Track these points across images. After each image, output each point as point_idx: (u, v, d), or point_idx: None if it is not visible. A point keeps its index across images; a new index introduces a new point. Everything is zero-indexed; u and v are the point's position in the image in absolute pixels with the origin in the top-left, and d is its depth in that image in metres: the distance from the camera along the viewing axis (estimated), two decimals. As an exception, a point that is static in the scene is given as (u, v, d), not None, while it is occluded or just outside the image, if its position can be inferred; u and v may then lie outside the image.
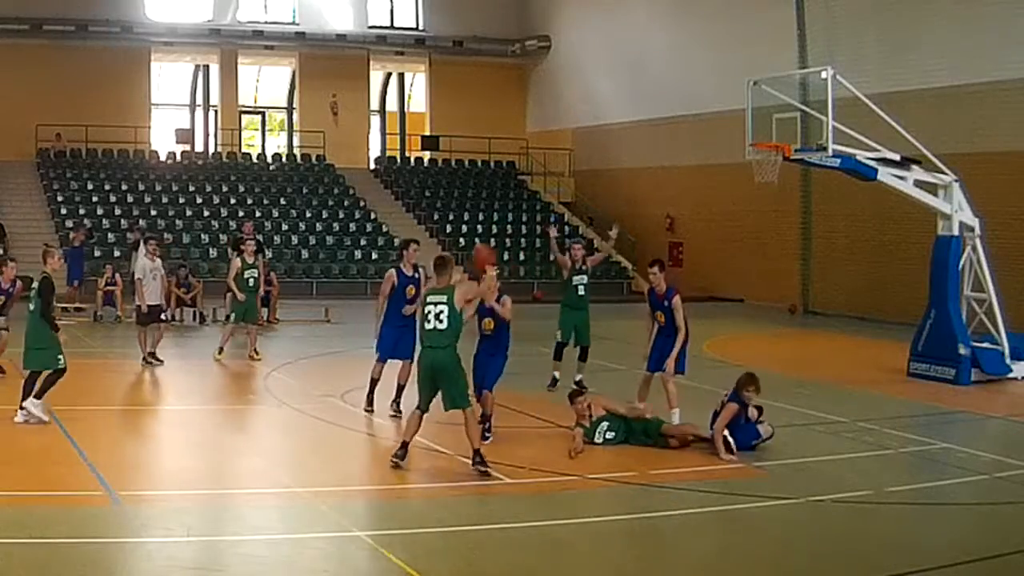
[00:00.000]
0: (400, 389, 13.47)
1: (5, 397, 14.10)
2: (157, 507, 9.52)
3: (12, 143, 34.24)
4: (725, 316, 27.25)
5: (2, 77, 34.89)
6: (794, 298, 29.82)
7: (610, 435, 12.13)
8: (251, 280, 18.36)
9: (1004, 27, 23.79)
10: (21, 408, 12.59)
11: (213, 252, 31.12)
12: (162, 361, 17.54)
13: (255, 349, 18.27)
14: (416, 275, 13.63)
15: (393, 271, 13.75)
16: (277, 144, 42.48)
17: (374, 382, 13.66)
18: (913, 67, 25.19)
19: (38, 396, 12.67)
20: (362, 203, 36.72)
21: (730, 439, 11.61)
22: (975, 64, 24.11)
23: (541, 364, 17.80)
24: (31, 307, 12.96)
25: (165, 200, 34.41)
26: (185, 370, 17.63)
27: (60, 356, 12.81)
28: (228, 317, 19.38)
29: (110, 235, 31.98)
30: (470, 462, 10.66)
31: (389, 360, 13.62)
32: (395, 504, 10.05)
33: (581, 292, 16.07)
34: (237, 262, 18.62)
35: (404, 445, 10.84)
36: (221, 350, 18.04)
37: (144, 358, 17.61)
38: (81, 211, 33.10)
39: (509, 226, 36.80)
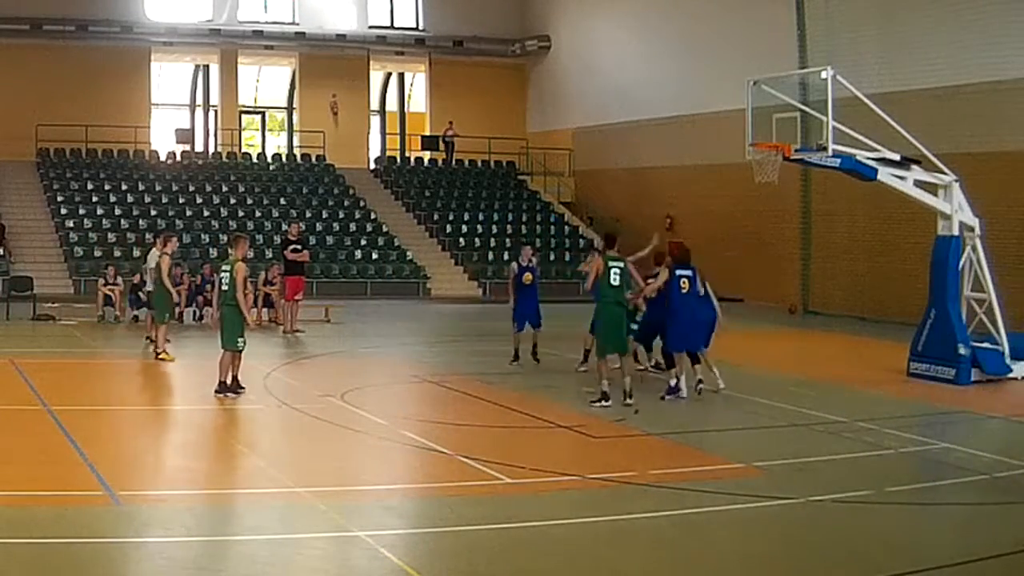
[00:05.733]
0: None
1: (6, 397, 14.12)
2: (157, 507, 9.51)
3: (12, 143, 34.24)
4: (725, 316, 27.15)
5: (2, 77, 34.94)
6: (794, 298, 29.81)
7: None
8: None
9: (1004, 27, 23.77)
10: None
11: (213, 252, 31.12)
12: (168, 341, 18.60)
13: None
14: (531, 264, 17.96)
15: (514, 263, 18.21)
16: (277, 144, 42.50)
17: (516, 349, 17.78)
18: (913, 67, 25.16)
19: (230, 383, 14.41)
20: (362, 203, 36.72)
21: None
22: (975, 64, 24.07)
23: (541, 363, 17.82)
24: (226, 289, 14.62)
25: (165, 200, 34.41)
26: (185, 369, 17.62)
27: (240, 339, 14.39)
28: None
29: (110, 235, 31.97)
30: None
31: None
32: (395, 504, 10.05)
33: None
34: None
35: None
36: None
37: (149, 337, 19.40)
38: (81, 211, 33.13)
39: (509, 226, 36.78)
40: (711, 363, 15.49)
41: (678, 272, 14.76)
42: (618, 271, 14.12)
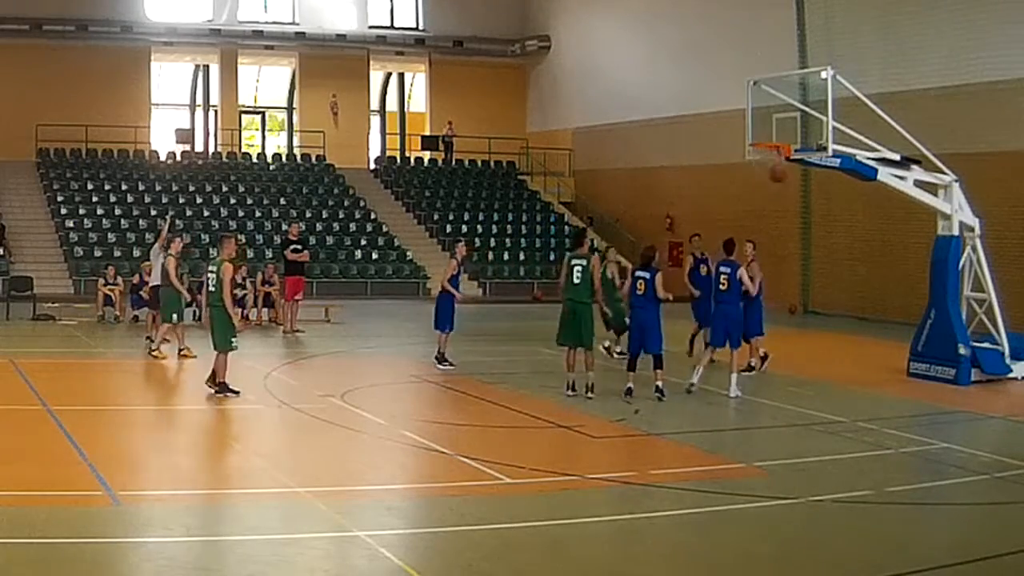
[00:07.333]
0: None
1: (6, 397, 14.12)
2: (157, 507, 9.51)
3: (12, 143, 34.24)
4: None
5: (2, 77, 34.93)
6: (794, 298, 29.80)
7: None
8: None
9: (1004, 27, 23.79)
10: None
11: (213, 252, 31.08)
12: (167, 340, 18.39)
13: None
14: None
15: (454, 260, 17.69)
16: (277, 144, 42.50)
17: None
18: (913, 67, 25.17)
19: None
20: (362, 203, 36.73)
21: None
22: (975, 64, 24.08)
23: (541, 363, 17.83)
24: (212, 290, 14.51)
25: (165, 200, 34.39)
26: (184, 369, 17.62)
27: (233, 339, 14.33)
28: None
29: (110, 235, 31.97)
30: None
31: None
32: (395, 504, 10.04)
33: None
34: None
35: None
36: None
37: (149, 337, 19.15)
38: (81, 211, 33.13)
39: (509, 226, 36.79)
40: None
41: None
42: (580, 269, 14.60)
